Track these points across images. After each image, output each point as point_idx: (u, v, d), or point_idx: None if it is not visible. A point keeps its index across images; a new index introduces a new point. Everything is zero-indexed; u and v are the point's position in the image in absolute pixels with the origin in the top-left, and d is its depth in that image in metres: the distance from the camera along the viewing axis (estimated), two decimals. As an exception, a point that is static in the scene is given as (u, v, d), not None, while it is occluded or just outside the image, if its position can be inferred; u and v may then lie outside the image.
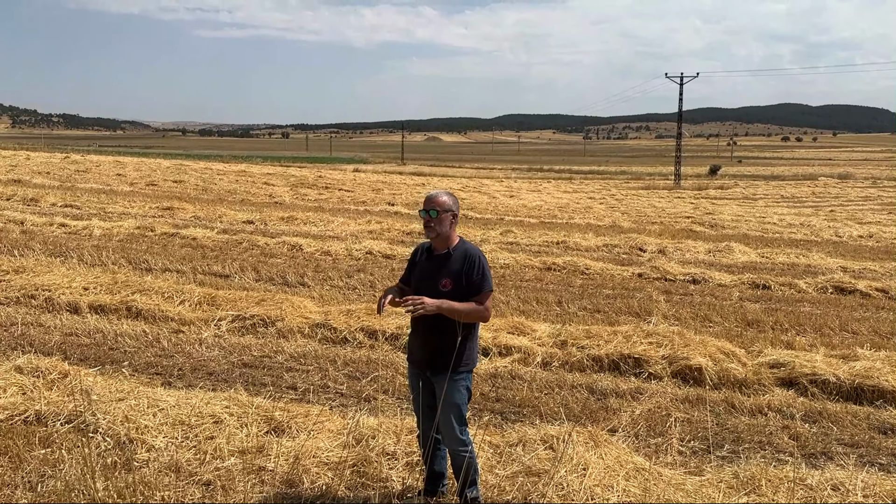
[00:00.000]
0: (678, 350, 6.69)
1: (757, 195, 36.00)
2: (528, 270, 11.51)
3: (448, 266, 3.73)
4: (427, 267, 3.77)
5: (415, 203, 23.93)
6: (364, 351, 6.91)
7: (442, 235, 3.75)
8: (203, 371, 6.24)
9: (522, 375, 6.38)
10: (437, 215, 3.74)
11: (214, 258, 11.37)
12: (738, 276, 11.26)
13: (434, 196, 3.77)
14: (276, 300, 8.03)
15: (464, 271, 3.73)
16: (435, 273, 3.73)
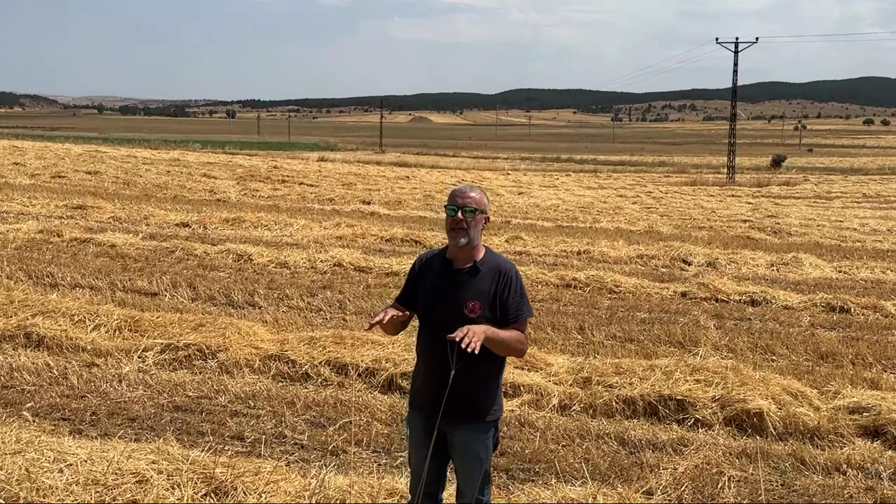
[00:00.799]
0: (732, 390, 6.70)
1: (832, 193, 36.30)
2: (541, 288, 11.53)
3: (475, 284, 3.69)
4: (444, 284, 3.72)
5: (396, 202, 24.00)
6: (331, 390, 6.89)
7: (472, 243, 3.71)
8: (123, 416, 6.20)
9: (534, 422, 6.39)
10: (473, 215, 3.69)
11: (139, 271, 11.33)
12: (808, 296, 11.33)
13: (465, 190, 3.73)
14: (219, 325, 8.01)
15: (497, 292, 3.69)
16: (456, 293, 3.68)
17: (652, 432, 6.25)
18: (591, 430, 6.27)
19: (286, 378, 7.18)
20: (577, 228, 19.79)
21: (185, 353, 7.49)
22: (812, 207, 28.67)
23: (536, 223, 20.45)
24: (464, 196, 3.71)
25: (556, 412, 6.65)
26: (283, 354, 7.46)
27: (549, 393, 6.87)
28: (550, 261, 14.06)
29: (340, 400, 6.67)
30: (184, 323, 8.16)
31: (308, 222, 16.98)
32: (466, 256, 3.75)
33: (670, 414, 6.56)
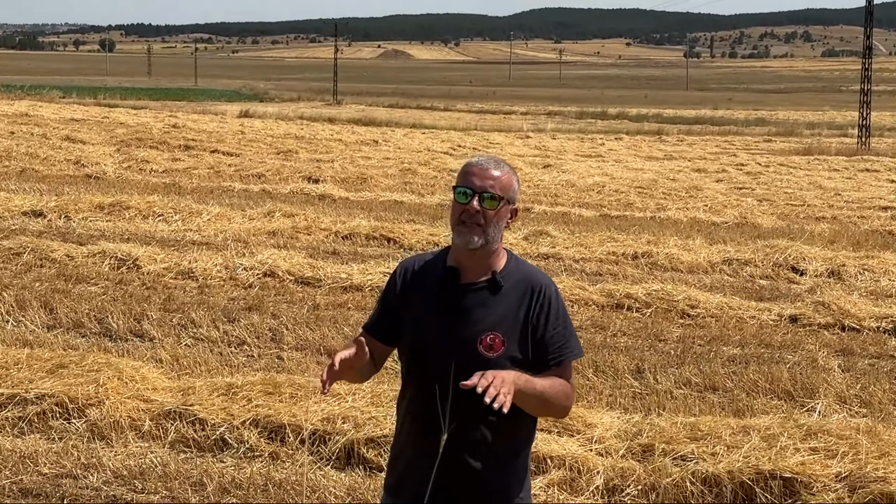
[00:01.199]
0: (867, 464, 6.72)
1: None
2: (579, 309, 11.56)
3: (495, 308, 3.69)
4: (446, 308, 3.71)
5: (358, 179, 23.98)
6: (260, 465, 6.88)
7: (490, 246, 3.71)
8: (-57, 504, 6.19)
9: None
10: (496, 205, 3.69)
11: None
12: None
13: (487, 165, 3.72)
14: (89, 366, 7.97)
15: (530, 319, 3.69)
16: (465, 321, 3.68)
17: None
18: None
19: (192, 446, 7.13)
20: (633, 219, 19.79)
21: (38, 410, 7.41)
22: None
23: (571, 211, 20.45)
24: (484, 174, 3.69)
25: (601, 497, 6.63)
26: (188, 411, 7.42)
27: (591, 468, 6.85)
28: (592, 269, 14.07)
29: (274, 480, 6.63)
30: (36, 363, 8.08)
31: (225, 210, 16.94)
32: (481, 265, 3.73)
33: (773, 500, 6.55)
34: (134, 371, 8.01)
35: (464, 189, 3.68)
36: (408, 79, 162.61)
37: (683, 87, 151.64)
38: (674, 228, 18.17)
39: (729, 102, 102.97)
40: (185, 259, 12.71)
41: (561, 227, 17.24)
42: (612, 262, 14.48)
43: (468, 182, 3.69)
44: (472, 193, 3.66)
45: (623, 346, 10.25)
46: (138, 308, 10.59)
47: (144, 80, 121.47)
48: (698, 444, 7.12)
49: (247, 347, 9.66)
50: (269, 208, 16.96)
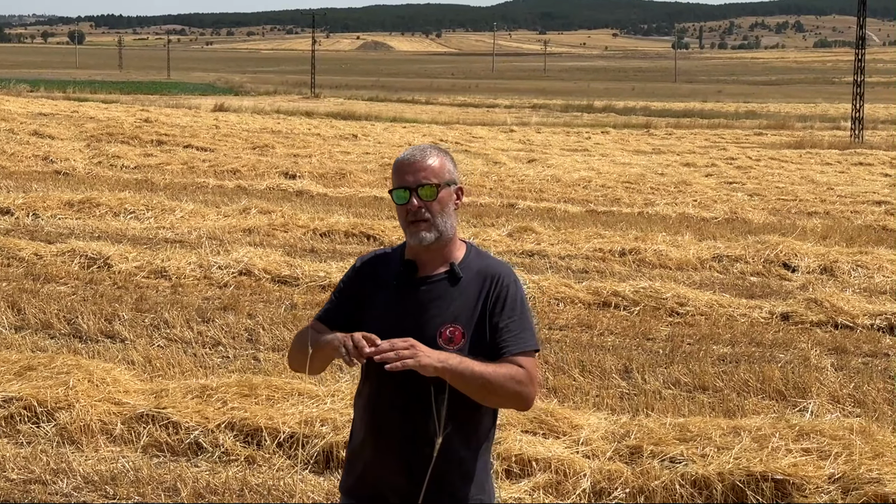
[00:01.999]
0: (861, 465, 6.74)
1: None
2: (564, 308, 11.60)
3: (454, 299, 3.73)
4: (405, 303, 3.75)
5: (337, 174, 23.97)
6: (235, 469, 6.88)
7: (445, 237, 3.73)
8: None
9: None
10: (435, 194, 3.71)
11: (-69, 284, 11.26)
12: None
13: (415, 158, 3.75)
14: (58, 368, 7.96)
15: (487, 309, 3.73)
16: (425, 314, 3.72)
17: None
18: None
19: (165, 450, 7.13)
20: (621, 215, 19.83)
21: (5, 413, 7.41)
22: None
23: (556, 207, 20.50)
24: (415, 168, 3.72)
25: (588, 500, 6.65)
26: (161, 414, 7.41)
27: (577, 471, 6.86)
28: (578, 266, 14.10)
29: (250, 484, 6.64)
30: (3, 365, 8.06)
31: (199, 207, 16.93)
32: (438, 257, 3.77)
33: (765, 502, 6.57)
34: (105, 373, 8.00)
35: (400, 190, 3.72)
36: (388, 71, 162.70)
37: (672, 79, 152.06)
38: (662, 224, 18.22)
39: (718, 95, 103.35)
40: (157, 258, 12.69)
41: (546, 223, 17.27)
42: (599, 259, 14.52)
43: (402, 181, 3.73)
44: (408, 191, 3.70)
45: (610, 346, 10.27)
46: (109, 308, 10.58)
47: (115, 73, 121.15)
48: (688, 445, 7.14)
49: (222, 348, 9.65)
50: (245, 205, 16.94)
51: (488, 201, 21.05)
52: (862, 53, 50.87)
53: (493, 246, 14.89)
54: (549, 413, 7.63)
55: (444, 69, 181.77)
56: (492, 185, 23.69)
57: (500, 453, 7.04)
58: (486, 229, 16.19)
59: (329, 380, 8.39)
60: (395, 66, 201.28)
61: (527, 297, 3.87)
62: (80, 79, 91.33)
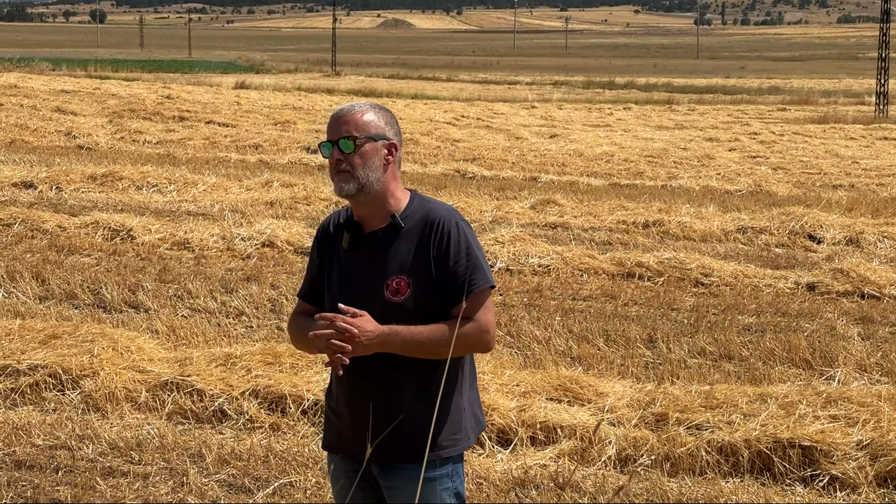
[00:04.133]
0: (889, 432, 6.72)
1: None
2: (588, 279, 11.57)
3: (398, 250, 3.79)
4: (355, 260, 3.83)
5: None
6: (260, 436, 6.90)
7: (369, 189, 3.78)
8: (-66, 476, 6.20)
9: (578, 483, 6.40)
10: (352, 148, 3.77)
11: (-44, 255, 11.31)
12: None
13: (347, 111, 3.82)
14: (83, 337, 8.00)
15: (431, 255, 3.77)
16: (371, 269, 3.79)
17: (763, 497, 6.27)
18: (667, 494, 6.27)
19: (190, 417, 7.17)
20: (644, 188, 19.79)
21: (30, 381, 7.45)
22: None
23: (579, 180, 20.46)
24: (340, 122, 3.79)
25: (614, 468, 6.65)
26: (185, 382, 7.44)
27: (603, 438, 6.86)
28: (602, 237, 14.08)
29: (275, 450, 6.66)
30: (28, 334, 8.10)
31: (221, 180, 16.94)
32: (376, 211, 3.82)
33: (792, 469, 6.57)
34: (129, 341, 8.03)
35: (325, 143, 3.82)
36: (409, 49, 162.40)
37: (694, 56, 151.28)
38: (686, 197, 18.16)
39: (741, 71, 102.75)
40: (180, 229, 12.71)
41: (569, 195, 17.23)
42: (623, 231, 14.47)
43: (328, 135, 3.82)
44: (330, 143, 3.79)
45: (635, 315, 10.25)
46: (133, 279, 10.60)
47: (137, 51, 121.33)
48: (714, 412, 7.13)
49: (245, 318, 9.66)
50: (267, 178, 16.95)
51: (510, 175, 21.01)
52: (886, 28, 50.47)
53: (516, 218, 14.87)
54: (574, 381, 7.61)
55: (464, 46, 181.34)
56: (514, 159, 23.63)
57: (525, 420, 7.04)
58: (509, 202, 16.15)
59: (353, 348, 8.38)
60: (416, 43, 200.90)
61: (474, 234, 3.87)
62: (101, 57, 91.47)
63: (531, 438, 6.93)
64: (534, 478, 6.44)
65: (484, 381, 7.42)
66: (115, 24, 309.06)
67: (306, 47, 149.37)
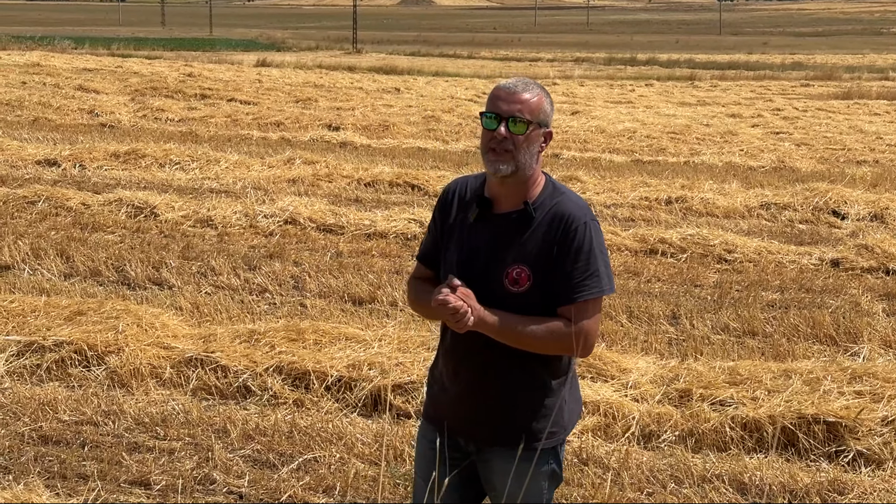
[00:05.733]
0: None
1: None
2: (611, 255, 11.46)
3: (523, 238, 3.71)
4: (478, 236, 3.74)
5: (380, 126, 23.95)
6: (284, 412, 6.96)
7: (522, 174, 3.70)
8: (-39, 451, 6.28)
9: (602, 458, 6.45)
10: (525, 129, 3.67)
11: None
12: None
13: (516, 88, 3.69)
14: (107, 313, 8.07)
15: (554, 252, 3.70)
16: (494, 253, 3.71)
17: (788, 473, 6.29)
18: (690, 470, 6.30)
19: (214, 393, 7.25)
20: (666, 164, 19.73)
21: (56, 357, 7.53)
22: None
23: (601, 157, 20.41)
24: (511, 98, 3.67)
25: (637, 443, 6.69)
26: (209, 358, 7.50)
27: (626, 414, 6.91)
28: (624, 214, 14.08)
29: (299, 426, 6.73)
30: (53, 310, 8.18)
31: (243, 158, 16.97)
32: (515, 194, 3.73)
33: (816, 445, 6.60)
34: (154, 318, 8.08)
35: (491, 114, 3.67)
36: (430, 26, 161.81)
37: (716, 32, 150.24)
38: (708, 173, 18.08)
39: (764, 46, 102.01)
40: (203, 207, 12.74)
41: (591, 172, 17.19)
42: (645, 208, 14.44)
43: (496, 107, 3.68)
44: (500, 119, 3.65)
45: (658, 292, 10.24)
46: (157, 256, 10.65)
47: (158, 30, 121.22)
48: (738, 388, 7.15)
49: (268, 295, 9.70)
50: (289, 156, 16.95)
51: (533, 152, 20.95)
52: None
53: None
54: (597, 357, 7.62)
55: (486, 23, 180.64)
56: (534, 136, 23.53)
57: (549, 396, 7.05)
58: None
59: (376, 324, 8.42)
60: (437, 20, 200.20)
61: (602, 236, 3.80)
62: (123, 35, 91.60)
63: (556, 414, 6.96)
64: (558, 453, 6.46)
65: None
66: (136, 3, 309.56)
67: (327, 25, 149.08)
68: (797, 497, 6.07)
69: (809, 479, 6.23)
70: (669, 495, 6.03)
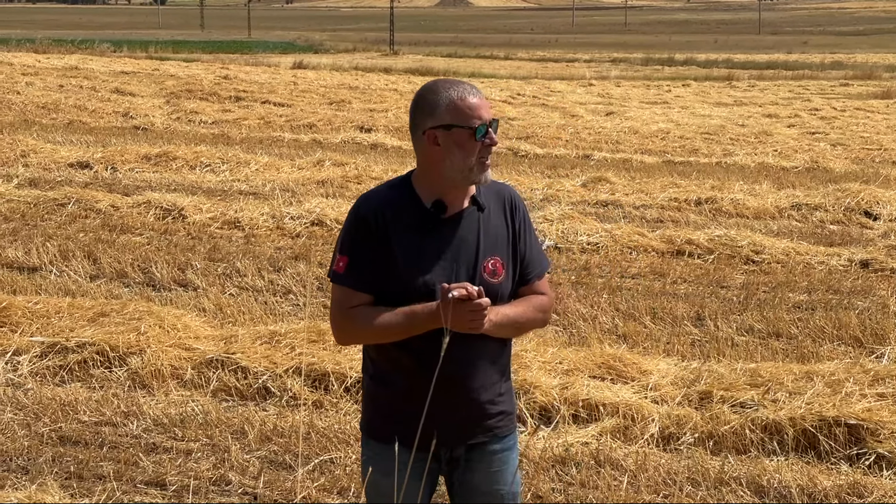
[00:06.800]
0: (938, 411, 6.64)
1: None
2: (636, 256, 11.54)
3: (485, 231, 3.74)
4: (439, 242, 3.71)
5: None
6: (303, 413, 6.96)
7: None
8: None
9: (619, 461, 6.41)
10: (496, 132, 3.77)
11: (10, 235, 11.51)
12: None
13: (481, 96, 3.75)
14: (130, 314, 8.12)
15: (515, 234, 3.79)
16: (463, 250, 3.72)
17: (808, 475, 6.24)
18: (708, 472, 6.26)
19: (234, 394, 7.27)
20: (698, 165, 19.65)
21: (79, 358, 7.58)
22: None
23: (632, 158, 20.35)
24: (485, 103, 3.71)
25: (656, 445, 6.65)
26: (230, 359, 7.53)
27: (646, 416, 6.87)
28: (653, 215, 14.03)
29: (317, 428, 6.73)
30: (77, 312, 8.24)
31: (273, 160, 17.05)
32: (464, 193, 3.76)
33: (837, 448, 6.53)
34: (176, 319, 8.13)
35: (481, 126, 3.66)
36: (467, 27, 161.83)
37: (756, 31, 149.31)
38: (740, 174, 18.01)
39: (804, 46, 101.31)
40: (231, 209, 12.81)
41: (621, 173, 17.16)
42: (674, 209, 14.38)
43: (480, 116, 3.67)
44: (486, 127, 3.68)
45: (683, 293, 10.19)
46: (183, 258, 10.71)
47: (197, 32, 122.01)
48: (759, 390, 7.10)
49: (292, 297, 9.73)
50: (319, 157, 17.02)
51: (563, 153, 20.92)
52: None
53: (567, 196, 14.81)
54: (618, 358, 7.60)
55: (523, 24, 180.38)
56: (567, 137, 23.51)
57: (567, 398, 7.04)
58: (560, 180, 16.10)
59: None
60: (475, 21, 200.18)
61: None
62: (162, 38, 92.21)
63: (573, 416, 6.94)
64: (576, 457, 6.44)
65: (526, 359, 7.43)
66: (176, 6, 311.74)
67: (365, 27, 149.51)
68: (816, 500, 6.01)
69: (829, 482, 6.16)
70: (685, 497, 6.00)
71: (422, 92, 3.74)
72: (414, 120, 3.72)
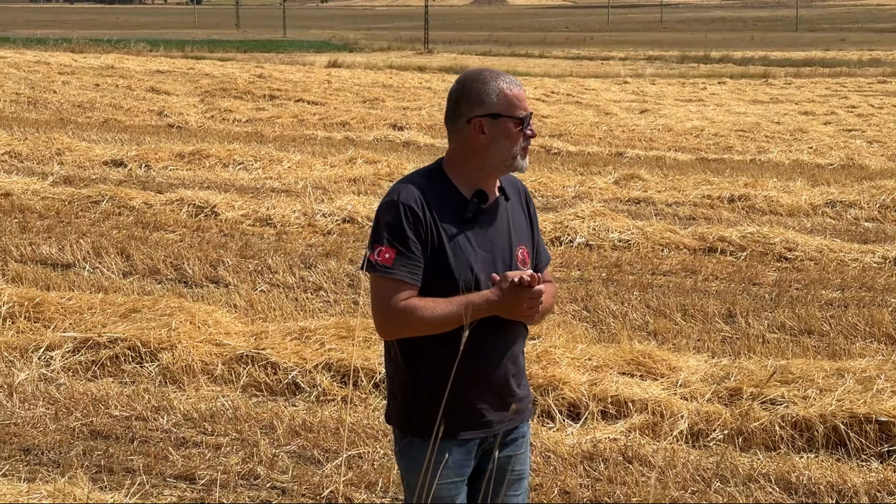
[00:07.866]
0: (970, 407, 6.59)
1: None
2: (668, 254, 11.51)
3: (512, 220, 3.87)
4: (480, 231, 3.74)
5: (446, 125, 24.03)
6: (331, 409, 7.01)
7: None
8: (13, 445, 6.39)
9: (647, 457, 6.41)
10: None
11: (45, 232, 11.61)
12: None
13: (519, 84, 3.84)
14: (162, 310, 8.18)
15: (530, 222, 3.95)
16: (500, 240, 3.79)
17: (837, 472, 6.21)
18: (737, 468, 6.25)
19: (263, 390, 7.31)
20: (731, 162, 19.57)
21: (111, 353, 7.64)
22: None
23: (665, 155, 20.29)
24: (524, 95, 3.80)
25: (685, 441, 6.64)
26: (260, 355, 7.58)
27: (675, 412, 6.86)
28: (685, 212, 13.99)
29: (345, 423, 6.74)
30: (109, 308, 8.32)
31: (306, 157, 17.12)
32: (495, 183, 3.88)
33: (868, 445, 6.51)
34: (206, 315, 8.18)
35: (527, 114, 3.75)
36: (502, 25, 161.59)
37: (793, 29, 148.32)
38: (774, 171, 17.92)
39: (842, 43, 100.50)
40: (263, 206, 12.88)
41: (654, 170, 17.11)
42: (707, 206, 14.33)
43: (524, 107, 3.75)
44: (528, 117, 3.77)
45: (714, 291, 10.15)
46: (215, 254, 10.79)
47: (233, 32, 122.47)
48: (789, 387, 7.07)
49: (323, 293, 9.77)
50: (351, 155, 17.07)
51: (596, 150, 20.90)
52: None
53: (599, 193, 14.79)
54: (647, 355, 7.58)
55: (558, 22, 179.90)
56: (601, 134, 23.48)
57: (596, 394, 7.04)
58: (593, 177, 16.08)
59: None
60: (510, 20, 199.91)
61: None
62: (198, 38, 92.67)
63: (602, 412, 6.94)
64: (604, 452, 6.44)
65: (555, 354, 7.44)
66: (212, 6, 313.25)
67: (400, 25, 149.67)
68: (845, 497, 5.98)
69: (859, 479, 6.14)
70: (714, 494, 5.98)
71: (466, 81, 3.76)
72: (457, 108, 3.73)
